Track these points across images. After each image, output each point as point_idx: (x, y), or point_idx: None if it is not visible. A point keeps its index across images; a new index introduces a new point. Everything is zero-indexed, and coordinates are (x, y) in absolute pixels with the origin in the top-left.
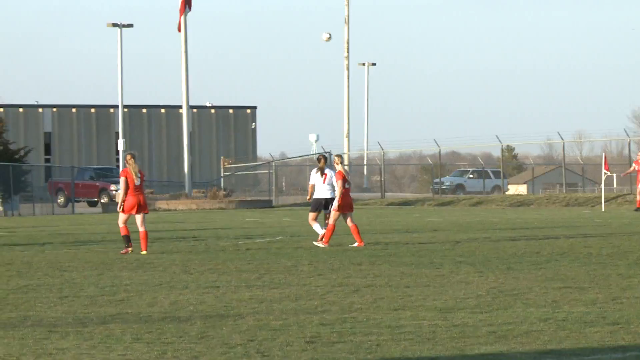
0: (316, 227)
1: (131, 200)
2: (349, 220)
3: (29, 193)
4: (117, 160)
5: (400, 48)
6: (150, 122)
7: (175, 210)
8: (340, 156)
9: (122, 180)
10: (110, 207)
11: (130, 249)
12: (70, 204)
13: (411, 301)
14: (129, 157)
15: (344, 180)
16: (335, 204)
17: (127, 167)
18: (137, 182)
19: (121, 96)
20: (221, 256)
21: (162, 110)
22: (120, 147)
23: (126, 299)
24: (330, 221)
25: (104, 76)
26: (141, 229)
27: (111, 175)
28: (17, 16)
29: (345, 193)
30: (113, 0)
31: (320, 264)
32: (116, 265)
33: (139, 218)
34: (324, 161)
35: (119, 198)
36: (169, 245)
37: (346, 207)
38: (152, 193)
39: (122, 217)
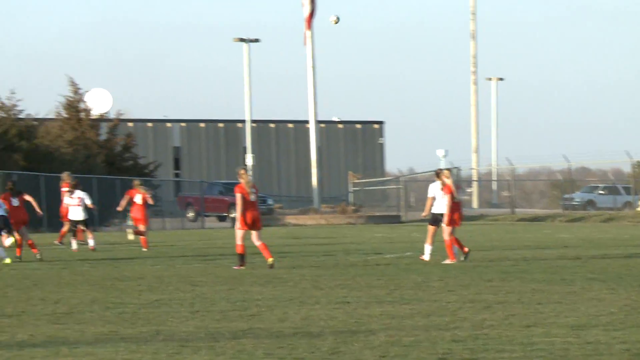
0: (427, 248)
1: (247, 216)
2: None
3: (158, 208)
4: None
5: (527, 62)
6: (278, 137)
7: (304, 225)
8: (449, 170)
9: (238, 196)
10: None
11: (243, 267)
12: (199, 219)
13: (543, 318)
14: (242, 171)
15: (452, 194)
16: (446, 218)
17: (240, 182)
18: (253, 197)
19: (249, 111)
20: (351, 271)
21: (290, 125)
22: (249, 161)
23: (257, 314)
24: (446, 237)
25: (232, 91)
26: (258, 243)
27: None
28: (145, 32)
29: (454, 207)
30: (239, 16)
31: (450, 280)
32: (247, 280)
33: (254, 233)
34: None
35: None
36: (298, 261)
37: (456, 221)
38: (280, 208)
39: (239, 233)
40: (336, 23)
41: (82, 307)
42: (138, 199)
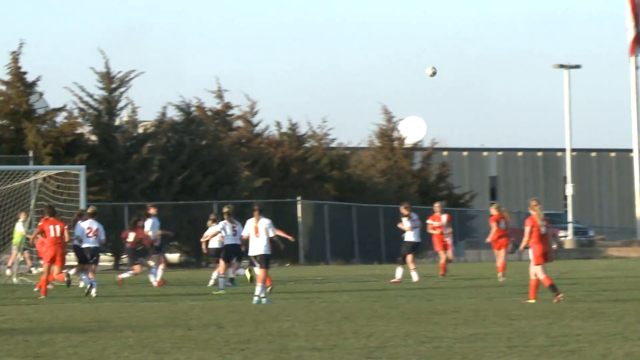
0: None
1: (538, 249)
2: None
3: (474, 239)
4: (565, 205)
5: None
6: (600, 166)
7: (627, 257)
8: None
9: (527, 229)
10: (558, 253)
11: (560, 295)
12: (517, 251)
13: None
14: (534, 203)
15: None
16: None
17: (532, 214)
18: (543, 230)
19: (569, 139)
20: None
21: (612, 154)
22: (569, 192)
23: (578, 350)
24: None
25: (552, 119)
26: (534, 277)
27: (558, 220)
28: (463, 59)
29: None
30: (560, 42)
31: None
32: (567, 314)
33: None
34: None
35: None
36: (621, 294)
37: None
38: (602, 239)
39: (537, 269)
40: (432, 76)
41: (396, 340)
42: (502, 224)
